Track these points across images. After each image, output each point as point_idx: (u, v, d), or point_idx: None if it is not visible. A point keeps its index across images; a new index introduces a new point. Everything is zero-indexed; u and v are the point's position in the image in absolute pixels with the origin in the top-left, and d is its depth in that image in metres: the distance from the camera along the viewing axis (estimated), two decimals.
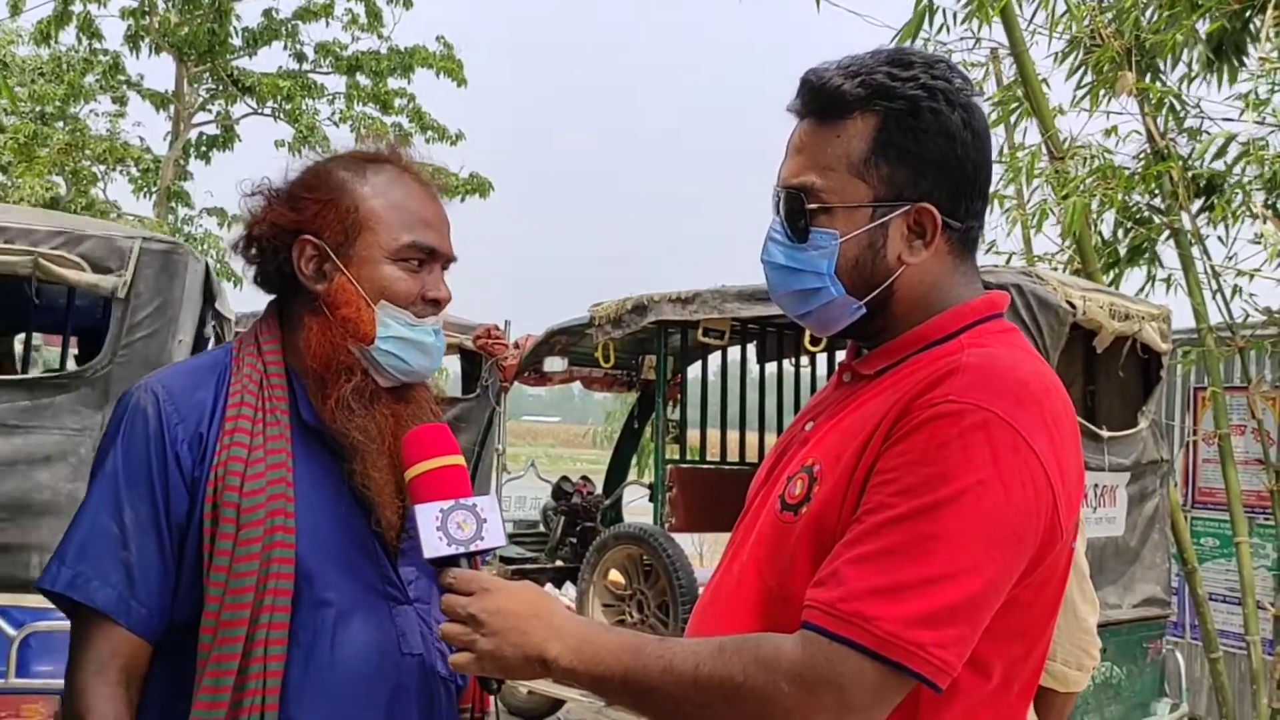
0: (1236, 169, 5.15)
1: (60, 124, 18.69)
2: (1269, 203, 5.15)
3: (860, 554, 1.19)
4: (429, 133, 18.19)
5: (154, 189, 18.98)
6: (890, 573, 1.17)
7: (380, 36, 18.29)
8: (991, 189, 1.44)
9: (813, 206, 1.36)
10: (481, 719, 1.63)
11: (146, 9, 17.60)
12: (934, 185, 1.34)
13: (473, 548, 1.43)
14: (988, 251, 5.89)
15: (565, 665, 1.30)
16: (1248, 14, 5.02)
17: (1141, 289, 5.57)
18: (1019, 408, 1.21)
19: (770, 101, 1.49)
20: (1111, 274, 5.50)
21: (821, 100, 1.38)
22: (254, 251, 1.67)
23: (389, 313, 1.62)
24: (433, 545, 1.42)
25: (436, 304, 1.66)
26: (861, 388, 1.39)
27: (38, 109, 18.56)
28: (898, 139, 1.34)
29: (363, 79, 18.18)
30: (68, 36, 17.87)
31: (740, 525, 1.46)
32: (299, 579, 1.54)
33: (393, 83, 18.27)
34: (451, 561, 1.43)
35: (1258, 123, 4.95)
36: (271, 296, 1.72)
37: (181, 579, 1.55)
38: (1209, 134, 5.26)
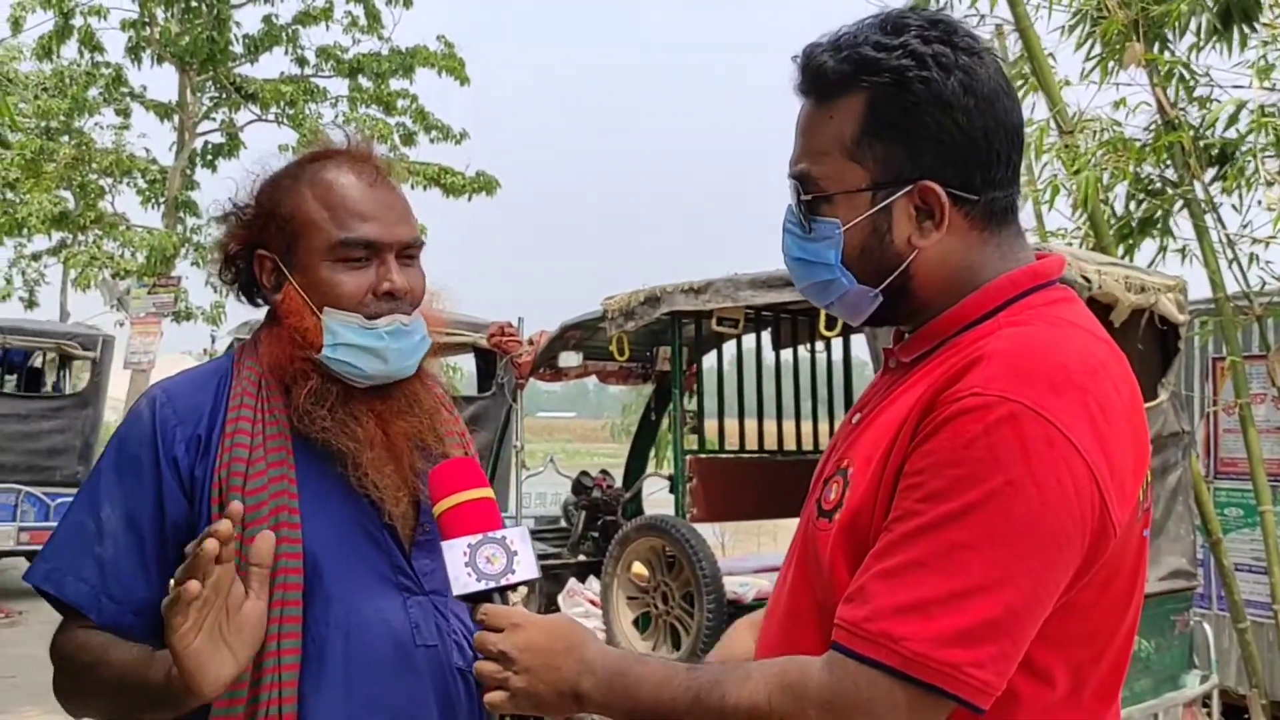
0: (1250, 137, 5.11)
1: (66, 138, 18.73)
2: None
3: (887, 568, 1.12)
4: (433, 132, 18.20)
5: (162, 199, 19.01)
6: (918, 588, 1.09)
7: (380, 38, 18.27)
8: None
9: (810, 196, 1.29)
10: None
11: (147, 20, 17.62)
12: (936, 160, 1.23)
13: (503, 581, 1.40)
14: None
15: (599, 700, 1.27)
16: None
17: (1153, 260, 5.54)
18: (1053, 396, 1.11)
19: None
20: (1124, 246, 5.47)
21: (811, 80, 1.30)
22: (231, 273, 1.68)
23: (335, 319, 1.58)
24: (461, 582, 1.40)
25: (391, 296, 1.60)
26: (902, 376, 1.30)
27: (43, 124, 18.61)
28: (888, 116, 1.23)
29: (365, 81, 18.18)
30: (69, 50, 17.89)
31: (797, 528, 1.39)
32: (308, 574, 1.54)
33: (395, 84, 18.26)
34: (485, 597, 1.39)
35: (1266, 89, 4.91)
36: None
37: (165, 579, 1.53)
38: (1219, 102, 5.22)
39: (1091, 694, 1.21)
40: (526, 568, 1.41)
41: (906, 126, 1.23)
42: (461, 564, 1.40)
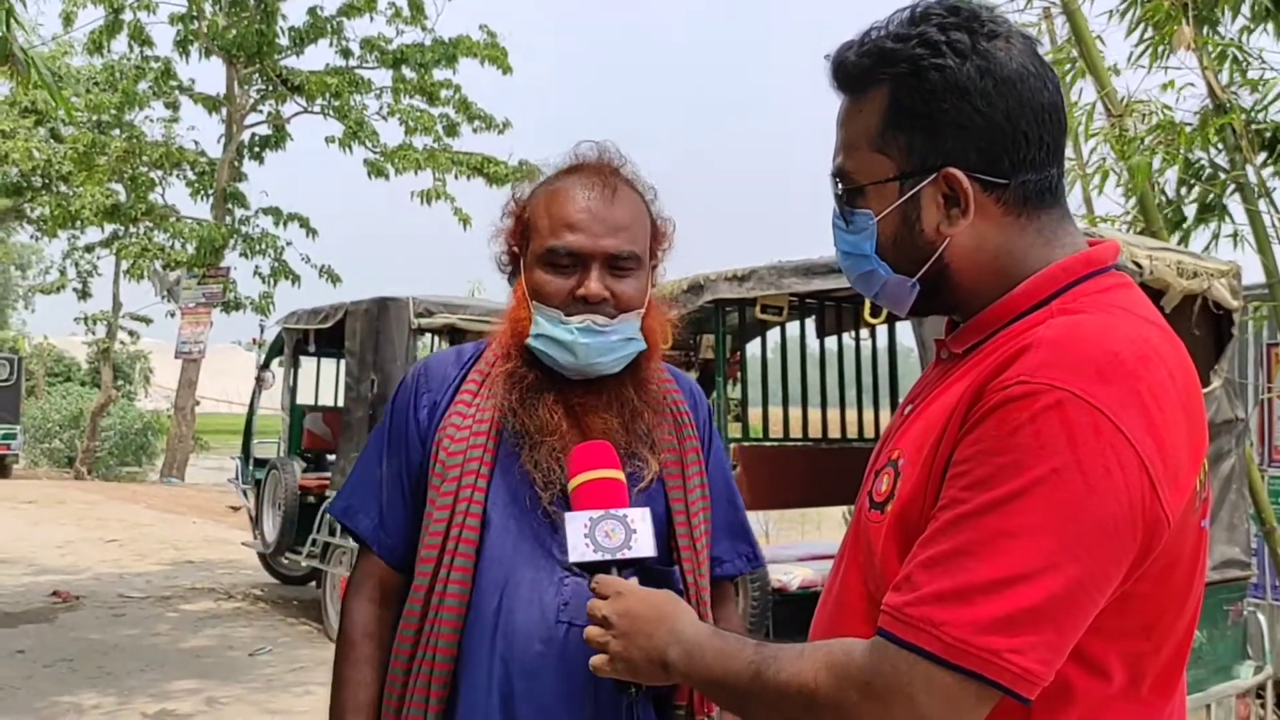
0: None
1: (116, 131, 19.03)
2: None
3: (932, 555, 1.12)
4: (475, 122, 18.29)
5: (210, 191, 19.28)
6: (961, 574, 1.09)
7: (424, 28, 18.37)
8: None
9: (842, 190, 1.33)
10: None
11: (195, 14, 17.83)
12: (958, 147, 1.24)
13: (619, 555, 1.52)
14: None
15: (682, 670, 1.32)
16: None
17: (1207, 246, 5.45)
18: (1102, 384, 1.10)
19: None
20: (1179, 232, 5.39)
21: (840, 76, 1.32)
22: (511, 267, 1.91)
23: (540, 312, 1.80)
24: (578, 551, 1.53)
25: (586, 301, 1.77)
26: (953, 367, 1.30)
27: (94, 118, 18.92)
28: (909, 105, 1.25)
29: (408, 72, 18.29)
30: (119, 45, 18.17)
31: (852, 519, 1.39)
32: (484, 531, 1.77)
33: (438, 74, 18.36)
34: (602, 568, 1.51)
35: None
36: None
37: (421, 519, 1.83)
38: (1271, 82, 5.12)
39: (1150, 687, 1.20)
40: (643, 545, 1.54)
41: (926, 115, 1.25)
42: (581, 535, 1.54)
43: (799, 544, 7.88)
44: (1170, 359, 1.17)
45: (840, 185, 1.33)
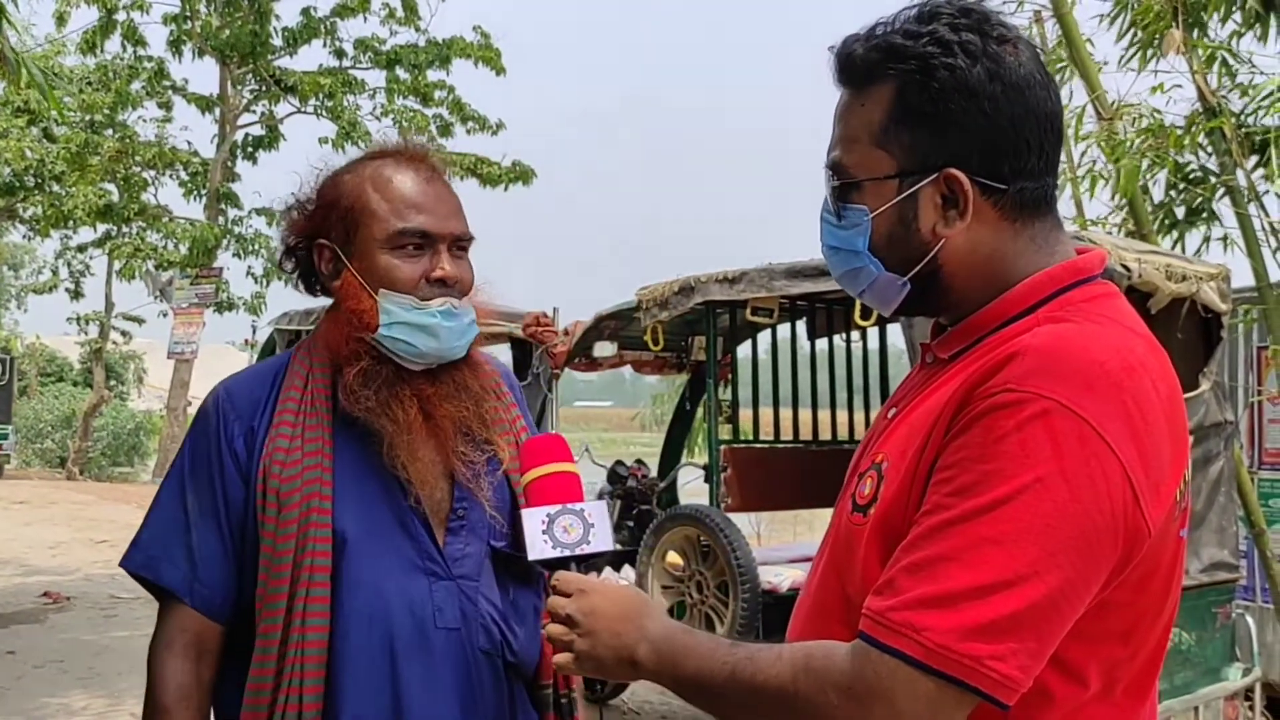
0: None
1: (109, 131, 18.97)
2: None
3: (915, 560, 1.12)
4: (470, 123, 18.27)
5: (203, 191, 19.24)
6: (944, 580, 1.09)
7: (417, 29, 18.35)
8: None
9: (839, 183, 1.30)
10: (568, 697, 1.66)
11: (188, 14, 17.80)
12: (961, 148, 1.23)
13: (578, 551, 1.49)
14: None
15: (651, 667, 1.31)
16: None
17: (1198, 250, 5.46)
18: (1088, 393, 1.10)
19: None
20: (1170, 236, 5.40)
21: (845, 69, 1.31)
22: (292, 263, 1.81)
23: (390, 300, 1.69)
24: (537, 548, 1.49)
25: (442, 283, 1.71)
26: (939, 372, 1.29)
27: (87, 118, 18.86)
28: (915, 103, 1.23)
29: (402, 73, 18.27)
30: (112, 45, 18.12)
31: (831, 521, 1.39)
32: (336, 556, 1.64)
33: (432, 75, 18.33)
34: (561, 564, 1.48)
35: None
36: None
37: (245, 562, 1.68)
38: (1259, 86, 5.14)
39: (1124, 691, 1.20)
40: (602, 540, 1.51)
41: (932, 114, 1.23)
42: (539, 531, 1.50)
43: (790, 546, 7.89)
44: (1154, 369, 1.18)
45: (836, 179, 1.31)
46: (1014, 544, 1.08)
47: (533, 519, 1.51)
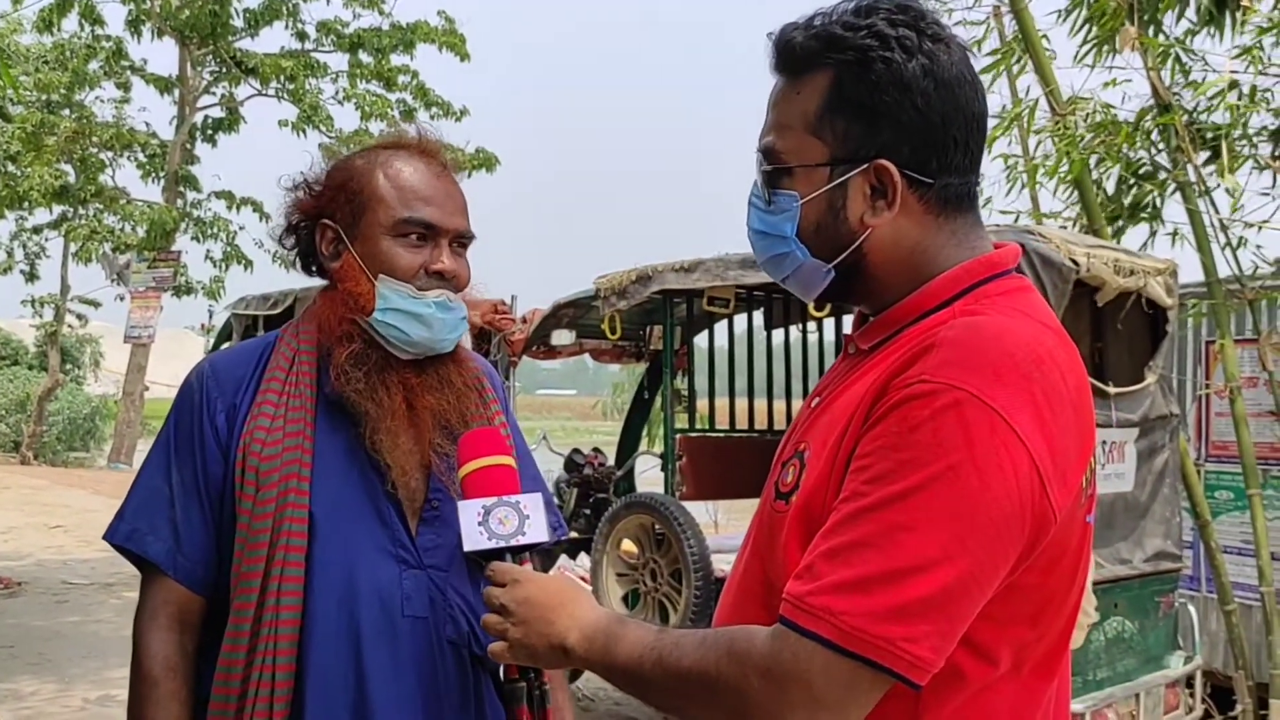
0: (1241, 119, 5.11)
1: (66, 111, 18.71)
2: (1275, 154, 5.10)
3: (833, 546, 1.15)
4: (433, 109, 18.16)
5: (162, 174, 19.02)
6: (859, 565, 1.12)
7: (381, 13, 18.20)
8: (988, 139, 1.37)
9: (770, 168, 1.33)
10: (539, 689, 1.68)
11: None
12: (892, 141, 1.26)
13: (513, 542, 1.52)
14: (984, 208, 5.86)
15: (582, 655, 1.33)
16: None
17: (1144, 244, 5.54)
18: (998, 384, 1.14)
19: None
20: (1114, 229, 5.47)
21: (782, 56, 1.33)
22: (292, 240, 1.83)
23: (388, 286, 1.72)
24: (472, 539, 1.52)
25: (440, 276, 1.74)
26: (860, 362, 1.32)
27: (43, 97, 18.58)
28: (850, 93, 1.26)
29: (365, 56, 18.12)
30: (70, 23, 17.85)
31: (757, 509, 1.42)
32: (312, 537, 1.67)
33: (396, 60, 18.20)
34: (496, 555, 1.51)
35: (1260, 74, 4.90)
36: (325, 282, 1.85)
37: (223, 536, 1.71)
38: (1208, 83, 5.21)
39: (1031, 670, 1.24)
40: (536, 531, 1.54)
41: (867, 105, 1.26)
42: (475, 523, 1.52)
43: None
44: (1063, 362, 1.21)
45: (767, 163, 1.33)
46: (927, 530, 1.11)
47: (469, 511, 1.53)
